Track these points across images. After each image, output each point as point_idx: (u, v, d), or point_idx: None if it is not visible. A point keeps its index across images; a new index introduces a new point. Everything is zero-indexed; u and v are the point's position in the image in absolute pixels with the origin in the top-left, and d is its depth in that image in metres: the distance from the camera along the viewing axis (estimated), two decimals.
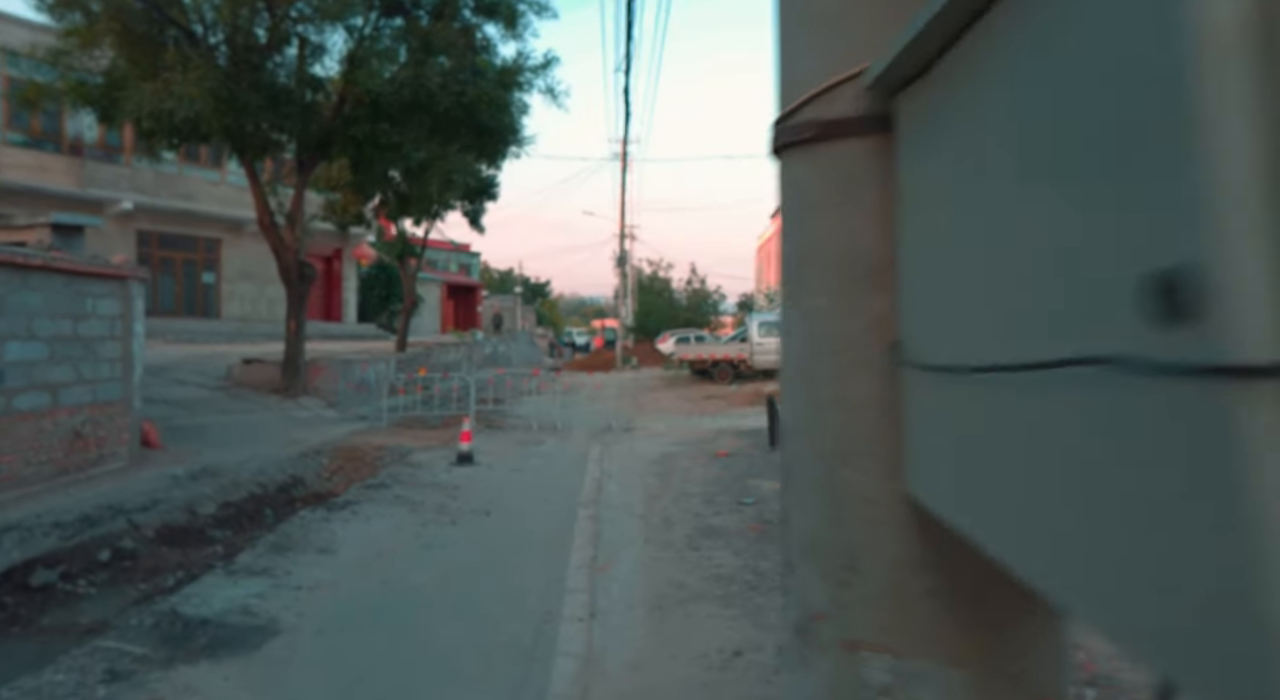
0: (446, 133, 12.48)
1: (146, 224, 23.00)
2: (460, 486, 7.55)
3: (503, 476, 8.24)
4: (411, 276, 20.56)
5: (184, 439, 9.86)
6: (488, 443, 10.73)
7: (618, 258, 33.25)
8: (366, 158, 12.64)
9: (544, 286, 72.71)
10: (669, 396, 17.92)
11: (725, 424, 12.52)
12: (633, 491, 7.27)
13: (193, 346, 20.21)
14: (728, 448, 9.63)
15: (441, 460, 9.15)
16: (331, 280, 29.63)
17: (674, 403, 16.53)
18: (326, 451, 9.69)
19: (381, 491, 7.23)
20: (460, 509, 6.55)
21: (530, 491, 7.45)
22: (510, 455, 9.75)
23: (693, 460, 8.88)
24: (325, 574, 4.65)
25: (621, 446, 10.45)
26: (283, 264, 13.21)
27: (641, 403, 16.82)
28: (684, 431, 11.85)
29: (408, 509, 6.51)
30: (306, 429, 11.53)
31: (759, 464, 8.24)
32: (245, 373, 13.88)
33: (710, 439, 10.67)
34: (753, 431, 11.10)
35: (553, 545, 5.38)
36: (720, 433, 11.37)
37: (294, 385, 13.39)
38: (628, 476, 8.15)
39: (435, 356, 23.91)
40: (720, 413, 14.39)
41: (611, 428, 12.51)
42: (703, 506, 6.33)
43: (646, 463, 8.94)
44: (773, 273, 51.26)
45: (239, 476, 7.89)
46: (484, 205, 20.51)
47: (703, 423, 12.97)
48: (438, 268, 50.17)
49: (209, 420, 11.33)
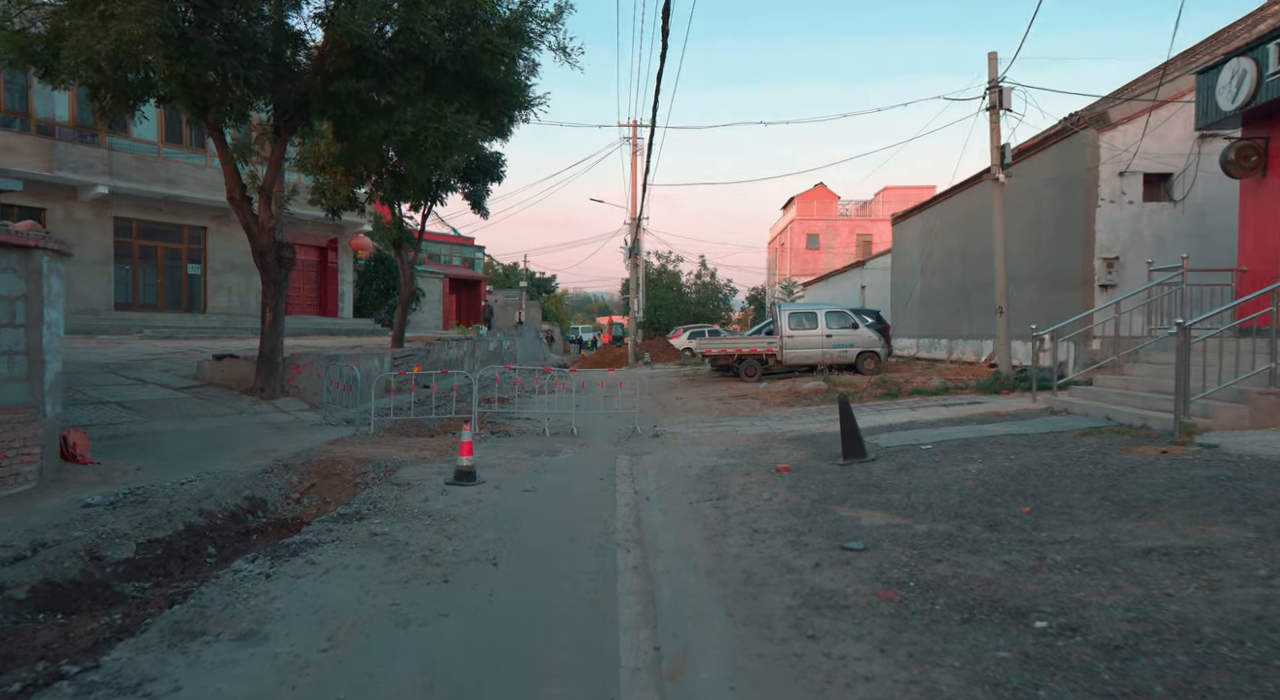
0: (443, 90, 10.74)
1: (125, 211, 21.32)
2: (458, 517, 5.81)
3: (512, 500, 6.50)
4: (409, 266, 18.84)
5: (127, 450, 8.15)
6: (493, 453, 8.99)
7: (629, 248, 31.45)
8: (350, 119, 10.89)
9: (549, 281, 70.99)
10: (694, 395, 16.16)
11: (768, 428, 10.77)
12: (685, 525, 5.52)
13: (173, 342, 18.52)
14: (786, 460, 7.88)
15: (436, 477, 7.42)
16: (326, 272, 27.93)
17: (701, 402, 14.78)
18: (298, 466, 7.97)
19: (353, 526, 5.49)
20: (456, 554, 4.82)
21: (549, 524, 5.71)
22: (520, 469, 8.01)
23: (747, 477, 7.13)
24: (235, 692, 2.92)
25: (653, 458, 8.70)
26: (257, 245, 11.49)
27: (664, 403, 15.07)
28: (722, 437, 10.10)
29: (385, 555, 4.78)
30: (280, 436, 9.81)
31: (837, 484, 6.48)
32: (216, 371, 12.18)
33: (759, 448, 8.91)
34: (808, 438, 9.35)
35: (590, 620, 3.65)
36: (767, 439, 9.62)
37: (270, 385, 11.68)
38: (671, 500, 6.40)
39: (435, 353, 22.17)
40: (756, 414, 12.62)
41: (636, 433, 10.78)
42: (790, 552, 4.58)
43: (690, 480, 7.19)
44: (788, 264, 49.46)
45: (175, 503, 6.17)
46: (487, 187, 18.78)
47: (740, 426, 11.22)
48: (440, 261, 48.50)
49: (166, 426, 9.62)
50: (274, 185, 11.47)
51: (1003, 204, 14.43)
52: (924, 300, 22.41)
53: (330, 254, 27.92)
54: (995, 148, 13.14)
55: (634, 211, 30.67)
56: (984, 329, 18.22)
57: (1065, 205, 14.24)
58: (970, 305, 18.84)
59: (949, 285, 20.38)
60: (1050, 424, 8.38)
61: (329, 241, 27.61)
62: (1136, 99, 12.81)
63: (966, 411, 10.47)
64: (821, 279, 37.97)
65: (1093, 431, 7.51)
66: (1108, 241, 13.33)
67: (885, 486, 6.21)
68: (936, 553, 4.31)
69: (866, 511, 5.43)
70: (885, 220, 48.27)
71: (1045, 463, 6.35)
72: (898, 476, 6.56)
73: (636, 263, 31.70)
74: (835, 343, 18.06)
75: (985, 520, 4.93)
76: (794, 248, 48.27)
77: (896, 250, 25.47)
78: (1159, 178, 13.29)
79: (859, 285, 30.13)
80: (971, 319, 18.71)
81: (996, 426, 8.69)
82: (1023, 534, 4.57)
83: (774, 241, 57.14)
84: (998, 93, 12.79)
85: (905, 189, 48.65)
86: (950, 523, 4.95)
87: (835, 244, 47.68)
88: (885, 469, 6.89)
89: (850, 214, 49.82)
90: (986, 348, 18.13)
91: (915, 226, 23.42)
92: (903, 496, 5.77)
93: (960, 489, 5.80)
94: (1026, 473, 6.07)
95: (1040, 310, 14.82)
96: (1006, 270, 15.36)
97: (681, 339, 34.23)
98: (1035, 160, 14.96)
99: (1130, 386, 8.78)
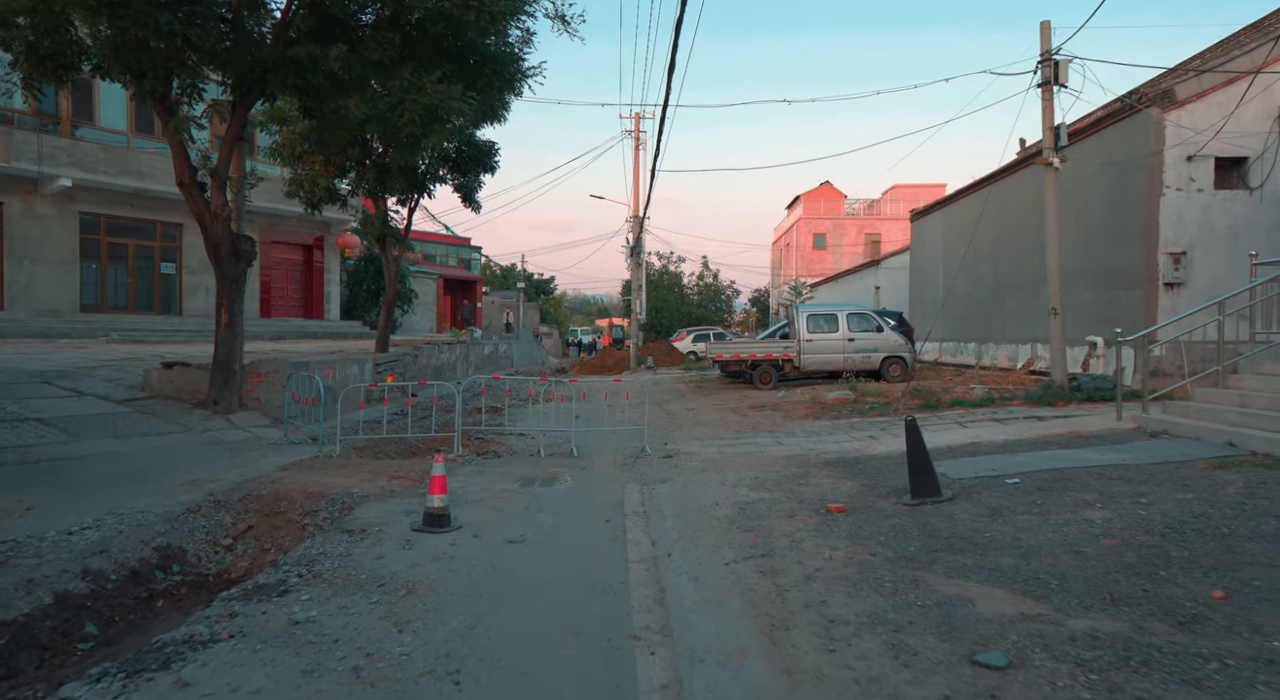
0: (423, 58, 9.28)
1: (91, 205, 19.83)
2: (418, 587, 4.33)
3: (493, 557, 5.02)
4: (394, 264, 17.34)
5: (25, 482, 6.65)
6: (476, 482, 7.50)
7: (630, 246, 29.95)
8: (317, 91, 9.42)
9: (548, 283, 69.53)
10: (706, 405, 14.68)
11: (798, 447, 9.29)
12: (726, 602, 4.04)
13: (141, 347, 17.00)
14: (835, 495, 6.41)
15: (402, 519, 5.94)
16: (312, 272, 26.43)
17: (715, 413, 13.30)
18: (235, 502, 6.49)
19: (269, 608, 4.01)
20: (405, 662, 3.34)
21: (540, 598, 4.23)
22: (507, 506, 6.52)
23: (792, 520, 5.65)
24: None
25: (669, 488, 7.22)
26: (209, 237, 10.03)
27: (673, 414, 13.59)
28: (747, 460, 8.63)
29: (300, 664, 3.29)
30: (228, 459, 8.33)
31: (914, 535, 5.01)
32: (166, 380, 10.70)
33: (795, 475, 7.43)
34: (851, 464, 7.87)
35: None
36: (801, 463, 8.14)
37: (226, 397, 10.20)
38: (700, 556, 4.92)
39: (424, 358, 20.67)
40: (780, 429, 11.15)
41: (645, 453, 9.31)
42: (894, 668, 3.10)
43: (720, 524, 5.71)
44: (794, 264, 47.93)
45: (48, 564, 4.68)
46: (479, 178, 17.28)
47: (764, 445, 9.74)
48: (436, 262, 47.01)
49: (90, 448, 8.13)
50: (228, 168, 10.00)
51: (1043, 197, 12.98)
52: (949, 301, 20.93)
53: (316, 253, 26.43)
54: (1049, 128, 11.67)
55: (636, 208, 29.21)
56: (1019, 332, 16.76)
57: (1122, 194, 12.77)
58: (1004, 306, 17.37)
59: (978, 285, 18.92)
60: (1157, 451, 6.91)
61: (315, 240, 26.13)
62: (1209, 71, 11.36)
63: (1035, 430, 8.99)
64: (831, 279, 36.50)
65: (1226, 463, 6.05)
66: (1173, 234, 11.86)
67: (983, 542, 4.73)
68: (1127, 678, 2.83)
69: (976, 586, 3.95)
70: (895, 219, 46.92)
71: (1196, 512, 4.86)
72: (993, 526, 5.08)
73: (639, 262, 30.21)
74: (858, 347, 16.59)
75: (1163, 610, 3.46)
76: (800, 247, 46.79)
77: (915, 248, 24.01)
78: (1233, 162, 11.84)
79: (873, 285, 28.67)
80: (1005, 321, 17.24)
81: (1088, 453, 7.20)
82: (1238, 639, 3.10)
83: (778, 241, 55.69)
84: (1052, 66, 11.32)
85: (914, 187, 47.27)
86: (1112, 615, 3.47)
87: (843, 243, 46.21)
88: (971, 513, 5.41)
89: (857, 213, 48.40)
90: (1023, 352, 16.67)
91: (937, 223, 21.97)
92: (1017, 561, 4.29)
93: (1097, 552, 4.31)
94: (1179, 527, 4.59)
95: (1091, 311, 13.35)
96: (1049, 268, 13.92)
97: (685, 342, 32.76)
98: (1086, 144, 13.49)
99: (1249, 403, 7.30)
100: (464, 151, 16.67)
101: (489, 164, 16.92)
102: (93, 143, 19.46)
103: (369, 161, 16.13)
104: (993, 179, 18.11)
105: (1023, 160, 15.85)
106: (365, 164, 16.21)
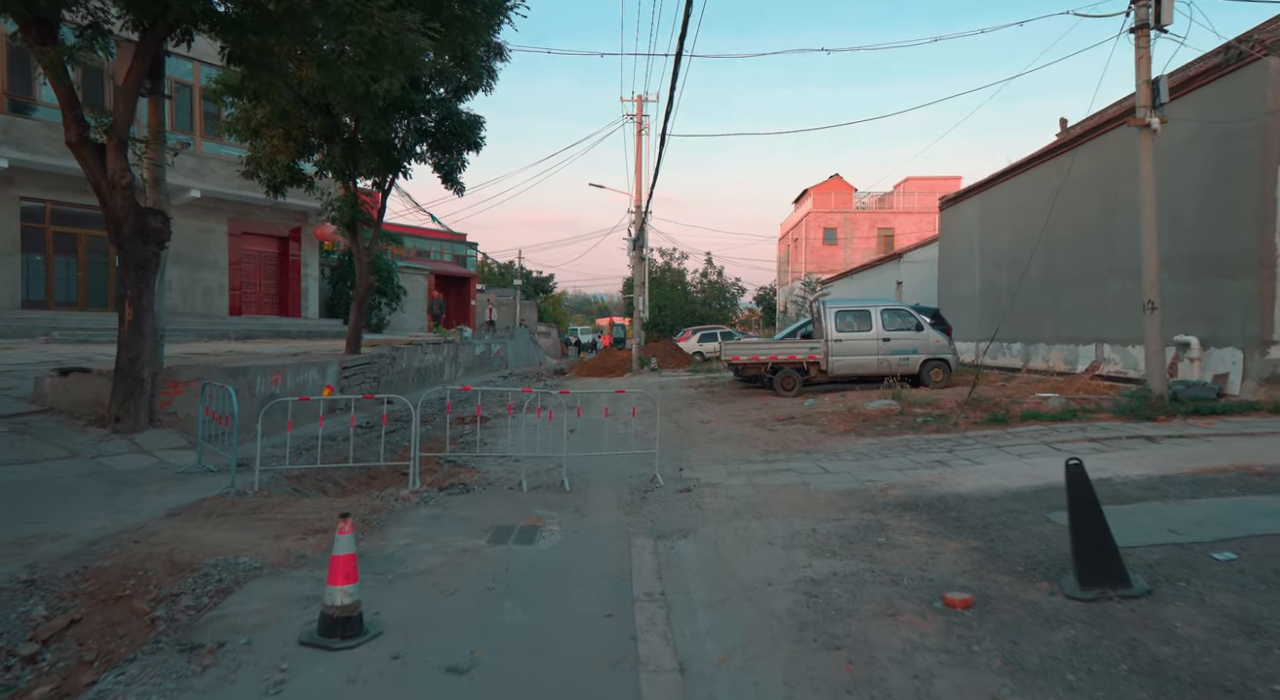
0: None
1: (34, 190, 17.76)
2: None
3: None
4: (366, 253, 15.26)
5: None
6: (428, 536, 5.43)
7: (633, 239, 27.87)
8: (238, 24, 7.37)
9: (547, 281, 67.49)
10: (722, 416, 12.61)
11: (852, 477, 7.24)
12: None
13: (85, 348, 14.91)
14: (937, 566, 4.35)
15: (292, 616, 3.89)
16: (287, 266, 24.33)
17: (735, 427, 11.24)
18: (61, 580, 4.43)
19: None
20: None
21: None
22: (462, 586, 4.45)
23: (896, 623, 3.60)
24: None
25: (696, 549, 5.16)
26: (108, 210, 7.99)
27: (686, 427, 11.53)
28: (789, 495, 6.59)
29: None
30: (101, 501, 6.26)
31: (1119, 668, 2.96)
32: (61, 390, 8.65)
33: (866, 528, 5.37)
34: (937, 508, 5.82)
35: None
36: (866, 504, 6.09)
37: (131, 411, 8.14)
38: None
39: (405, 360, 18.57)
40: (819, 448, 9.10)
41: (657, 483, 7.27)
42: None
43: (785, 632, 3.64)
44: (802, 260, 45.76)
45: None
46: (463, 157, 15.22)
47: (806, 472, 7.69)
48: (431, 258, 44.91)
49: None
50: (128, 124, 7.95)
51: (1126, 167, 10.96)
52: (986, 296, 18.86)
53: (293, 245, 24.36)
54: (1144, 82, 9.60)
55: (639, 197, 27.13)
56: (1080, 330, 14.70)
57: (1225, 165, 10.70)
58: (1059, 302, 15.31)
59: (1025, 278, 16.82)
60: None
61: (291, 231, 24.06)
62: None
63: (1171, 460, 6.91)
64: (845, 275, 34.38)
65: None
66: None
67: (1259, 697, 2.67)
68: None
69: None
70: (909, 213, 44.77)
71: None
72: (1256, 655, 3.01)
73: (641, 256, 28.12)
74: (894, 348, 14.53)
75: None
76: (810, 242, 44.67)
77: (945, 239, 21.93)
78: None
79: (894, 281, 26.58)
80: (1061, 318, 15.17)
81: None
82: None
83: (785, 237, 53.61)
84: (1151, 5, 9.25)
85: (928, 179, 45.20)
86: None
87: (854, 238, 44.11)
88: (1204, 627, 3.34)
89: (867, 207, 46.29)
90: (1083, 354, 14.60)
91: (972, 210, 19.88)
92: None
93: None
94: None
95: (1179, 306, 11.28)
96: (1129, 255, 11.89)
97: (691, 342, 30.73)
98: (1174, 107, 11.42)
99: None
100: (445, 125, 14.62)
101: (473, 140, 14.84)
102: (33, 120, 17.41)
103: (336, 136, 14.11)
104: (1045, 157, 16.04)
105: (1101, 126, 13.66)
106: (332, 139, 14.18)
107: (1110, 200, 13.29)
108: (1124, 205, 12.88)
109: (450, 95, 14.92)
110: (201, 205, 20.50)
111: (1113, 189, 13.15)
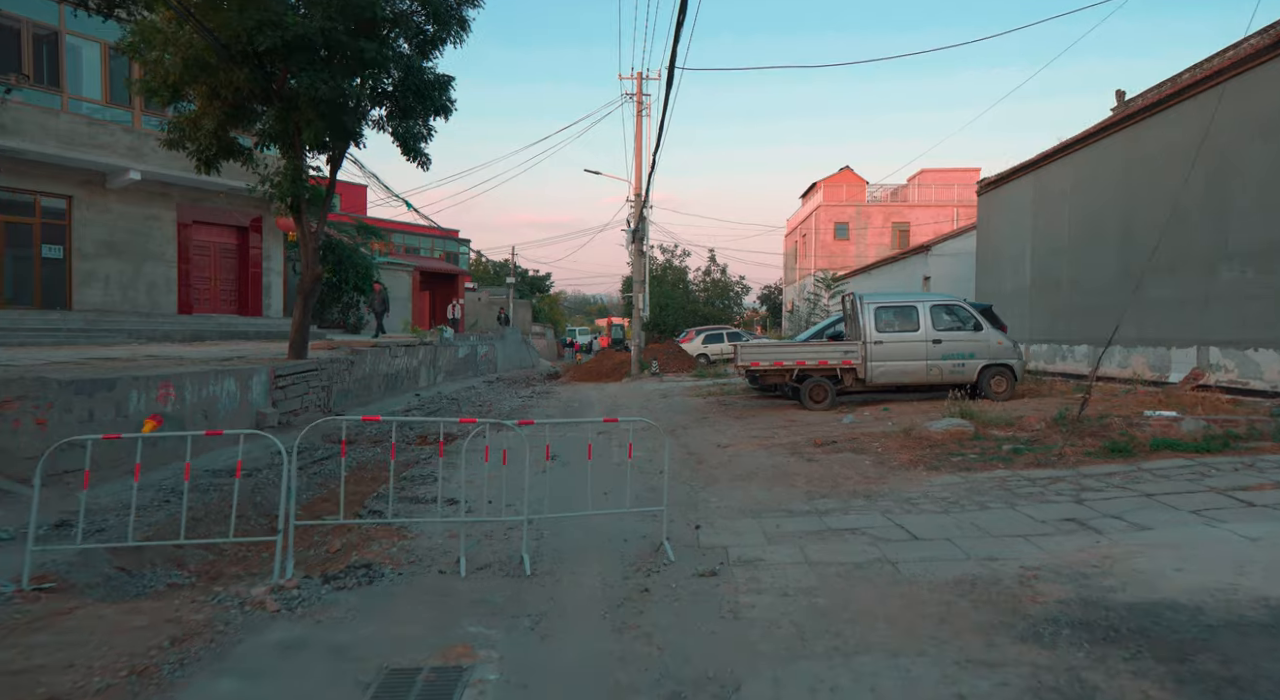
0: None
1: None
2: None
3: None
4: (313, 238, 12.79)
5: None
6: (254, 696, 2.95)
7: (632, 231, 25.41)
8: None
9: (543, 280, 65.07)
10: (742, 436, 10.13)
11: (955, 548, 4.79)
12: None
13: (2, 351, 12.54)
14: None
15: None
16: (247, 260, 21.82)
17: (761, 452, 8.77)
18: None
19: None
20: None
21: None
22: None
23: None
24: None
25: None
26: None
27: (698, 453, 9.06)
28: (874, 591, 4.14)
29: None
30: None
31: None
32: None
33: (1049, 689, 2.92)
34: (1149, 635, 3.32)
35: None
36: (1013, 614, 3.65)
37: None
38: None
39: (366, 365, 16.02)
40: (881, 489, 6.64)
41: (664, 557, 4.81)
42: None
43: None
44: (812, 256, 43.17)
45: None
46: (429, 123, 12.76)
47: (881, 537, 5.23)
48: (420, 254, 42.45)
49: None
50: None
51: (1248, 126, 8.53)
52: (1039, 291, 16.41)
53: (254, 236, 21.87)
54: None
55: (639, 184, 24.68)
56: (1174, 330, 12.24)
57: None
58: (1142, 297, 12.80)
59: (1093, 270, 14.37)
60: None
61: (251, 221, 21.57)
62: None
63: None
64: (862, 270, 31.84)
65: None
66: None
67: None
68: None
69: None
70: (925, 205, 42.26)
71: None
72: None
73: (641, 249, 25.67)
74: (945, 352, 12.05)
75: None
76: (820, 238, 42.18)
77: (985, 227, 19.46)
78: None
79: (920, 276, 24.12)
80: (1145, 316, 12.69)
81: None
82: None
83: (793, 232, 51.12)
84: None
85: (944, 171, 42.84)
86: None
87: (867, 233, 41.65)
88: None
89: (879, 200, 43.80)
90: (1178, 359, 12.13)
91: (1021, 193, 17.41)
92: None
93: None
94: None
95: None
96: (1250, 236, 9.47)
97: (695, 343, 28.27)
98: None
99: None
100: (407, 84, 12.16)
101: (440, 102, 12.34)
102: None
103: (273, 97, 11.65)
104: (1117, 126, 13.57)
105: (1202, 81, 11.03)
106: (269, 100, 11.73)
107: (1222, 170, 10.82)
108: (1240, 174, 10.42)
109: (415, 50, 12.48)
110: (144, 189, 18.00)
111: (1224, 156, 10.69)
